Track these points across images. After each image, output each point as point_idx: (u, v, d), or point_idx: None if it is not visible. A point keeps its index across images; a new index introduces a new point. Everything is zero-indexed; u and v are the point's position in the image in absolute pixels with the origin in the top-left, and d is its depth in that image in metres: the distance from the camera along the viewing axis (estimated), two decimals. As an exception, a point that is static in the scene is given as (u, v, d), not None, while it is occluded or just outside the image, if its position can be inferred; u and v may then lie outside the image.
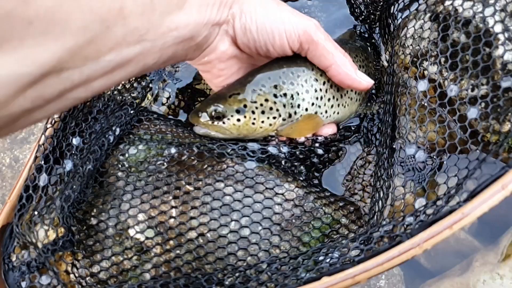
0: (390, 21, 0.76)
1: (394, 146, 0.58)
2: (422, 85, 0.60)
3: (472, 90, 0.58)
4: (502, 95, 0.55)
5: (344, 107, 0.67)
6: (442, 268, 0.65)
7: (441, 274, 0.64)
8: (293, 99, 0.61)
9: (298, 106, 0.62)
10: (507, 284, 0.59)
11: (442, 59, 0.60)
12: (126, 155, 0.65)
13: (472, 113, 0.56)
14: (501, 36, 0.55)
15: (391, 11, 0.76)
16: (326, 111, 0.65)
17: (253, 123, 0.61)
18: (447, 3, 0.62)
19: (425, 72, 0.62)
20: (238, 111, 0.60)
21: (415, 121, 0.58)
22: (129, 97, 0.75)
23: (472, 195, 0.41)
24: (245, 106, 0.60)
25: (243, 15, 0.56)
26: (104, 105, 0.71)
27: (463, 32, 0.58)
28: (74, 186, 0.59)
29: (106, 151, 0.64)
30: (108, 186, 0.63)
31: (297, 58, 0.62)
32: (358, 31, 0.83)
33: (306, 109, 0.63)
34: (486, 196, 0.39)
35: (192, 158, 0.63)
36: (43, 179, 0.60)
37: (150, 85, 0.80)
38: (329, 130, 0.66)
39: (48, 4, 0.35)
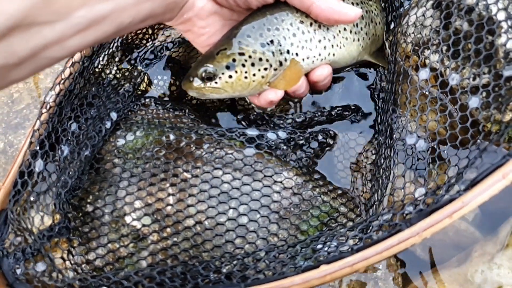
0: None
1: (394, 135, 0.57)
2: (424, 74, 0.59)
3: (474, 79, 0.57)
4: (504, 84, 0.54)
5: (340, 48, 0.64)
6: (441, 260, 0.65)
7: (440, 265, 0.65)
8: (280, 45, 0.59)
9: (288, 52, 0.59)
10: (504, 274, 0.59)
11: (444, 48, 0.60)
12: (124, 141, 0.64)
13: (474, 102, 0.55)
14: (504, 24, 0.55)
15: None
16: (319, 54, 0.62)
17: (246, 77, 0.58)
18: (450, -10, 0.61)
19: (427, 61, 0.61)
20: (228, 67, 0.58)
21: (416, 110, 0.57)
22: (125, 81, 0.74)
23: (473, 184, 0.40)
24: (234, 60, 0.58)
25: None
26: (100, 90, 0.70)
27: (465, 20, 0.58)
28: (71, 172, 0.58)
29: (103, 137, 0.63)
30: (104, 172, 0.62)
31: (279, 3, 0.59)
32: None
33: (297, 54, 0.60)
34: (486, 185, 0.39)
35: (190, 145, 0.62)
36: (38, 165, 0.59)
37: (146, 69, 0.79)
38: (323, 70, 0.62)
39: None
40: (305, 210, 0.59)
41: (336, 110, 0.70)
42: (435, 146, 0.55)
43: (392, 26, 0.72)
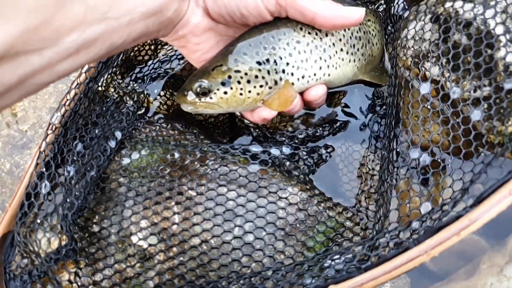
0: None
1: (398, 149, 0.57)
2: (425, 87, 0.59)
3: (475, 91, 0.58)
4: (505, 97, 0.55)
5: (335, 68, 0.64)
6: (448, 270, 0.65)
7: (447, 276, 0.64)
8: (276, 64, 0.59)
9: (283, 71, 0.60)
10: (513, 286, 0.59)
11: (444, 61, 0.60)
12: (129, 160, 0.64)
13: (476, 115, 0.56)
14: (502, 38, 0.55)
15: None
16: (314, 74, 0.62)
17: (241, 94, 0.58)
18: (447, 4, 0.62)
19: (427, 74, 0.61)
20: (223, 84, 0.57)
21: (418, 124, 0.58)
22: (129, 99, 0.75)
23: (479, 200, 0.41)
24: (229, 77, 0.57)
25: None
26: (104, 108, 0.70)
27: (464, 34, 0.58)
28: (77, 193, 0.58)
29: (108, 156, 0.64)
30: (110, 192, 0.63)
31: (277, 22, 0.60)
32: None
33: (292, 74, 0.60)
34: (493, 202, 0.39)
35: (195, 162, 0.63)
36: (44, 186, 0.59)
37: (149, 86, 0.80)
38: (318, 90, 0.62)
39: None
40: (311, 226, 0.59)
41: (337, 125, 0.70)
42: (439, 160, 0.55)
43: (391, 39, 0.73)
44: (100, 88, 0.72)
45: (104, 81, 0.72)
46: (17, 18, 0.36)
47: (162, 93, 0.80)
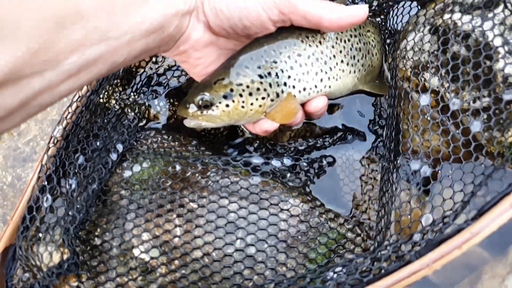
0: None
1: (398, 161, 0.57)
2: (425, 99, 0.60)
3: (474, 101, 0.58)
4: (505, 108, 0.55)
5: (336, 80, 0.64)
6: (451, 282, 0.65)
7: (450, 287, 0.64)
8: (278, 77, 0.59)
9: (285, 84, 0.60)
10: (515, 297, 0.59)
11: (443, 71, 0.61)
12: (130, 173, 0.65)
13: (476, 126, 0.56)
14: (501, 50, 0.56)
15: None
16: (315, 86, 0.62)
17: (243, 107, 0.58)
18: (446, 16, 0.62)
19: (427, 85, 0.62)
20: (225, 97, 0.58)
21: (419, 135, 0.58)
22: (130, 111, 0.75)
23: (480, 213, 0.41)
24: (231, 90, 0.58)
25: (211, 2, 0.54)
26: (105, 120, 0.71)
27: (463, 46, 0.59)
28: (79, 206, 0.58)
29: (110, 169, 0.64)
30: (111, 204, 0.63)
31: (278, 35, 0.60)
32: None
33: (294, 86, 0.61)
34: (494, 215, 0.39)
35: (196, 174, 0.63)
36: (46, 200, 0.59)
37: (150, 97, 0.80)
38: (319, 102, 0.63)
39: None
40: (313, 237, 0.59)
41: (337, 135, 0.70)
42: (439, 171, 0.55)
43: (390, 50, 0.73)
44: (101, 100, 0.72)
45: (106, 93, 0.73)
46: (18, 42, 0.36)
47: (162, 103, 0.80)
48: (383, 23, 0.76)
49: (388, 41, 0.75)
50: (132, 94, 0.78)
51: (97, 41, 0.42)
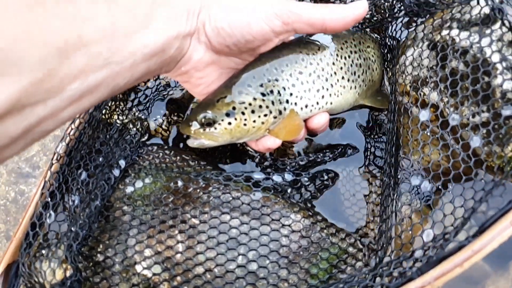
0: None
1: (399, 176, 0.58)
2: (424, 115, 0.60)
3: (473, 116, 0.58)
4: (504, 123, 0.55)
5: (337, 96, 0.65)
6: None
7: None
8: (280, 95, 0.60)
9: (287, 101, 0.61)
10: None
11: (442, 86, 0.61)
12: (132, 188, 0.65)
13: (475, 141, 0.56)
14: (499, 66, 0.56)
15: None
16: (317, 103, 0.63)
17: (245, 124, 0.59)
18: (444, 32, 0.63)
19: (426, 100, 0.62)
20: (228, 115, 0.58)
21: (419, 150, 0.58)
22: (132, 126, 0.76)
23: (481, 230, 0.41)
24: (234, 108, 0.58)
25: (213, 18, 0.54)
26: (107, 136, 0.71)
27: (461, 61, 0.59)
28: (82, 223, 0.59)
29: (112, 185, 0.64)
30: (114, 220, 0.63)
31: (279, 53, 0.61)
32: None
33: (296, 104, 0.62)
34: (495, 233, 0.39)
35: (198, 190, 0.63)
36: (49, 216, 0.60)
37: (150, 112, 0.81)
38: (321, 118, 0.63)
39: (0, 45, 0.34)
40: (314, 253, 0.59)
41: (338, 150, 0.71)
42: (440, 187, 0.55)
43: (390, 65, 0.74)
44: (103, 116, 0.73)
45: (108, 109, 0.74)
46: (23, 74, 0.36)
47: (163, 118, 0.81)
48: (382, 38, 0.77)
49: (387, 56, 0.75)
50: (134, 109, 0.79)
51: (99, 67, 0.43)
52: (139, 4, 0.48)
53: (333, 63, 0.65)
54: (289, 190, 0.65)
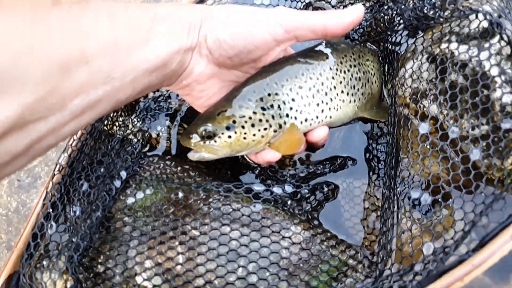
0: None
1: (398, 189, 0.58)
2: (424, 127, 0.61)
3: (473, 129, 0.59)
4: (503, 136, 0.56)
5: (337, 110, 0.66)
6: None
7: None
8: (280, 109, 0.61)
9: (287, 115, 0.61)
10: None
11: (442, 99, 0.62)
12: (133, 199, 0.65)
13: (475, 154, 0.57)
14: (498, 79, 0.57)
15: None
16: (317, 117, 0.64)
17: (245, 138, 0.59)
18: (443, 45, 0.64)
19: (426, 112, 0.63)
20: (228, 128, 0.59)
21: (419, 163, 0.59)
22: (133, 137, 0.76)
23: (481, 244, 0.41)
24: (234, 122, 0.59)
25: (214, 30, 0.54)
26: (109, 147, 0.72)
27: (460, 75, 0.60)
28: (83, 234, 0.59)
29: (114, 196, 0.65)
30: (115, 231, 0.63)
31: (280, 67, 0.62)
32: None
33: (295, 118, 0.62)
34: (495, 247, 0.40)
35: (198, 201, 0.63)
36: (50, 227, 0.60)
37: (151, 123, 0.81)
38: (321, 132, 0.64)
39: (3, 62, 0.34)
40: (315, 265, 0.59)
41: (337, 162, 0.71)
42: (440, 200, 0.55)
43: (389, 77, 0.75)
44: (105, 127, 0.73)
45: (109, 120, 0.74)
46: (25, 91, 0.36)
47: (164, 129, 0.81)
48: (381, 51, 0.77)
49: (387, 68, 0.76)
50: (135, 120, 0.79)
51: (101, 82, 0.43)
52: (140, 19, 0.48)
53: (333, 77, 0.65)
54: (289, 202, 0.65)
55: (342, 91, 0.66)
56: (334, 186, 0.69)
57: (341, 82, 0.66)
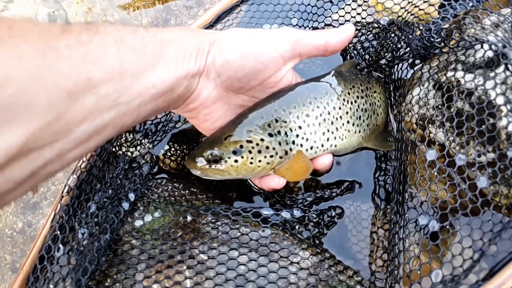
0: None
1: (406, 215, 0.58)
2: (431, 154, 0.61)
3: (479, 156, 0.59)
4: (510, 164, 0.56)
5: (342, 139, 0.67)
6: None
7: None
8: (287, 136, 0.62)
9: (293, 142, 0.62)
10: None
11: (448, 126, 0.62)
12: (141, 222, 0.65)
13: (482, 182, 0.57)
14: (503, 108, 0.58)
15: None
16: (322, 145, 0.64)
17: (251, 163, 0.60)
18: (449, 74, 0.65)
19: (433, 139, 0.63)
20: (235, 152, 0.59)
21: (426, 190, 0.59)
22: (141, 159, 0.77)
23: (491, 274, 0.41)
24: (241, 146, 0.59)
25: (223, 53, 0.55)
26: (117, 168, 0.72)
27: (467, 103, 0.61)
28: (90, 257, 0.59)
29: (122, 219, 0.65)
30: (122, 254, 0.63)
31: (288, 94, 0.62)
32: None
33: (301, 145, 0.63)
34: (504, 277, 0.40)
35: (206, 225, 0.64)
36: (58, 250, 0.60)
37: (159, 145, 0.82)
38: (325, 160, 0.65)
39: (9, 91, 0.34)
40: (322, 291, 0.59)
41: (344, 186, 0.72)
42: (447, 227, 0.56)
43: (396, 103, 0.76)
44: (113, 149, 0.74)
45: (117, 142, 0.75)
46: (31, 117, 0.36)
47: (172, 151, 0.82)
48: (388, 78, 0.79)
49: (393, 93, 0.77)
50: (143, 142, 0.80)
51: (107, 108, 0.43)
52: (148, 44, 0.48)
53: (340, 107, 0.66)
54: (297, 227, 0.66)
55: (348, 122, 0.67)
56: (341, 210, 0.69)
57: (347, 113, 0.67)
